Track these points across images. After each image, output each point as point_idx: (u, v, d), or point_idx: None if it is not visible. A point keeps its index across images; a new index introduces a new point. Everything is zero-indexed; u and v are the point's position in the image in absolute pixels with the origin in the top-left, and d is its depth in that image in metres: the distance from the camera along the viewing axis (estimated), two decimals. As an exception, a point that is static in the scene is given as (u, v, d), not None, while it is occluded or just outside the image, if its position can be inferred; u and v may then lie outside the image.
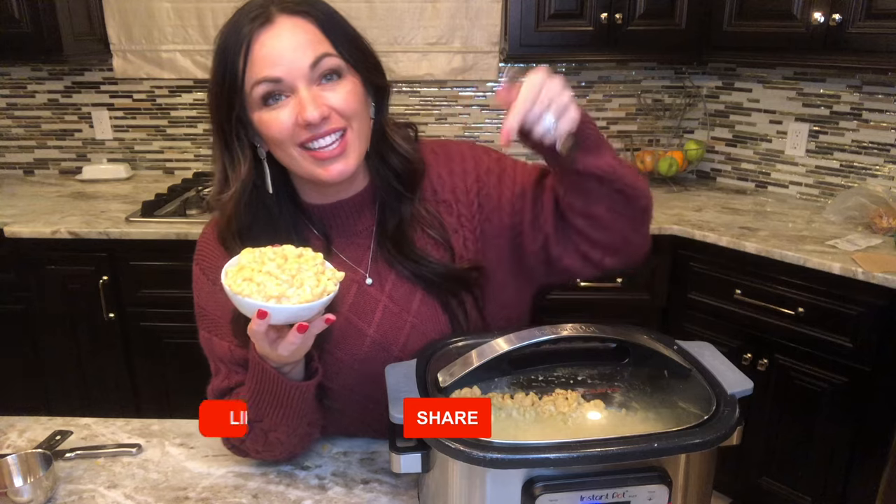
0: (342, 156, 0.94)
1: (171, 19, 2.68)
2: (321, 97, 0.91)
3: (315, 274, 0.83)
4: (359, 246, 1.06)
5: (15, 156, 2.92)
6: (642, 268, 2.30)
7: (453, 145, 1.13)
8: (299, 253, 0.85)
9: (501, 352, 0.87)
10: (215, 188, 0.99)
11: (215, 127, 0.97)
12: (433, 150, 1.11)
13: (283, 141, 0.92)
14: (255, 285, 0.80)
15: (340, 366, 1.04)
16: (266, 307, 0.79)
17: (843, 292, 1.92)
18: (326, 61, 0.92)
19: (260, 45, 0.90)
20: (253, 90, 0.91)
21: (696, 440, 0.76)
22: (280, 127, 0.91)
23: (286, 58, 0.90)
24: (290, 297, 0.80)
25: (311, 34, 0.92)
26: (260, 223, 0.99)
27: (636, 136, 2.83)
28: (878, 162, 2.37)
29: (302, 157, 0.93)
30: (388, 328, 1.04)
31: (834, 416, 2.02)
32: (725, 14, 2.30)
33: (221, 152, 0.97)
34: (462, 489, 0.80)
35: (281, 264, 0.82)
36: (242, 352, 0.98)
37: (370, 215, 1.07)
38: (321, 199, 1.05)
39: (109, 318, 2.29)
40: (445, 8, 2.65)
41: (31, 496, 0.95)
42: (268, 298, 0.79)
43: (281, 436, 0.97)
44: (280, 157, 0.96)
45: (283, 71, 0.90)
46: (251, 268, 0.82)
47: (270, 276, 0.80)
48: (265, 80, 0.90)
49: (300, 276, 0.82)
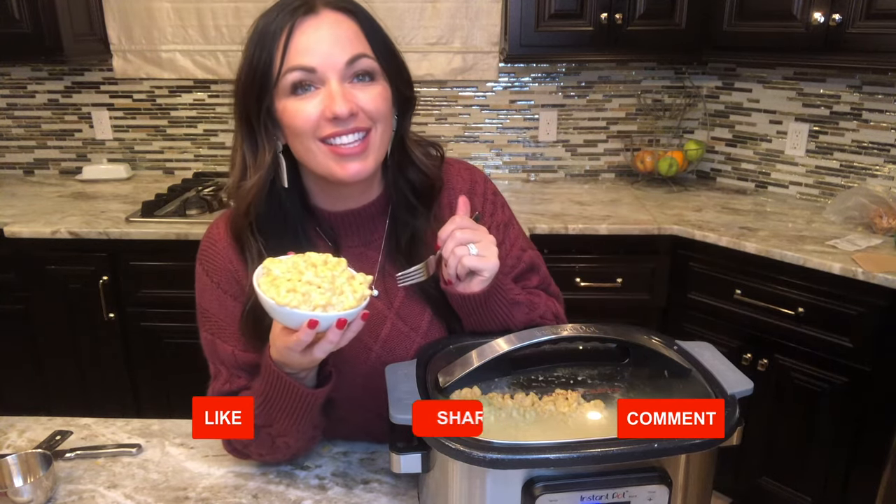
0: (362, 155, 0.93)
1: (171, 19, 2.68)
2: (351, 94, 0.91)
3: (347, 279, 0.83)
4: (366, 257, 1.06)
5: (15, 156, 2.92)
6: (642, 268, 2.30)
7: (479, 178, 1.13)
8: (324, 259, 0.85)
9: (501, 352, 0.87)
10: (234, 177, 0.98)
11: (241, 114, 0.96)
12: (459, 172, 1.12)
13: (305, 132, 0.91)
14: (301, 295, 0.79)
15: (344, 378, 1.02)
16: (317, 316, 0.79)
17: (843, 292, 1.92)
18: (363, 62, 0.92)
19: (301, 32, 0.90)
20: (285, 77, 0.90)
21: (696, 440, 0.76)
22: (305, 117, 0.90)
23: (324, 49, 0.89)
24: (334, 305, 0.80)
25: (351, 32, 0.92)
26: (273, 218, 0.99)
27: (636, 136, 2.83)
28: (878, 162, 2.38)
29: (321, 151, 0.92)
30: (395, 346, 1.04)
31: (834, 416, 2.02)
32: (725, 14, 2.30)
33: (244, 140, 0.97)
34: (462, 489, 0.80)
35: (315, 272, 0.82)
36: (246, 356, 0.98)
37: (380, 227, 1.06)
38: (332, 205, 1.04)
39: (109, 318, 2.29)
40: (445, 8, 2.65)
41: (31, 496, 0.95)
42: (314, 308, 0.79)
43: (289, 440, 0.97)
44: (297, 151, 0.95)
45: (319, 61, 0.89)
46: (287, 278, 0.81)
47: (312, 286, 0.80)
48: (299, 67, 0.89)
49: (337, 283, 0.82)
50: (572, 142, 2.86)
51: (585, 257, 2.29)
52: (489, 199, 1.12)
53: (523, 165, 2.89)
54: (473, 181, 1.12)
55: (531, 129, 2.84)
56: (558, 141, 2.85)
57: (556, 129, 2.83)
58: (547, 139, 2.85)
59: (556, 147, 2.86)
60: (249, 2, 2.63)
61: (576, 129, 2.84)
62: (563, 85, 2.78)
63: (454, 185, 1.10)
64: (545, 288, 1.15)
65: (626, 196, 2.62)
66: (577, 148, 2.87)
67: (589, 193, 2.66)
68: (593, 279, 2.30)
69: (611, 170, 2.90)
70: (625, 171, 2.88)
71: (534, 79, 2.78)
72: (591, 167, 2.90)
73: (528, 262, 1.12)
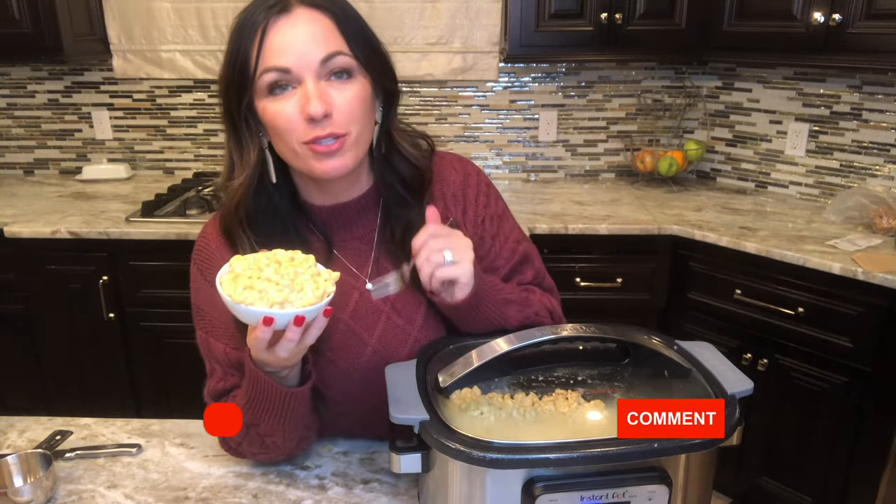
0: (339, 153, 0.93)
1: (171, 19, 2.68)
2: (326, 94, 0.90)
3: (311, 276, 0.83)
4: (360, 251, 1.06)
5: (15, 156, 2.92)
6: (642, 268, 2.30)
7: (472, 170, 1.13)
8: (291, 256, 0.85)
9: (501, 352, 0.87)
10: (223, 175, 0.99)
11: (225, 112, 0.96)
12: (452, 163, 1.11)
13: (287, 134, 0.91)
14: (258, 292, 0.79)
15: (340, 374, 1.02)
16: (272, 313, 0.78)
17: (843, 292, 1.92)
18: (338, 59, 0.91)
19: (274, 31, 0.89)
20: (261, 78, 0.90)
21: (696, 440, 0.76)
22: (286, 119, 0.90)
23: (298, 49, 0.89)
24: (292, 302, 0.80)
25: (326, 29, 0.91)
26: (263, 214, 0.99)
27: (636, 136, 2.83)
28: (878, 162, 2.37)
29: (301, 150, 0.92)
30: (391, 340, 1.03)
31: (834, 417, 2.02)
32: (725, 14, 2.30)
33: (229, 138, 0.97)
34: (462, 489, 0.80)
35: (277, 269, 0.82)
36: (238, 354, 0.98)
37: (372, 220, 1.06)
38: (322, 199, 1.04)
39: (109, 318, 2.29)
40: (445, 8, 2.65)
41: (31, 496, 0.95)
42: (271, 305, 0.79)
43: (277, 440, 0.97)
44: (280, 150, 0.96)
45: (293, 62, 0.89)
46: (248, 275, 0.81)
47: (270, 283, 0.80)
48: (274, 68, 0.89)
49: (299, 280, 0.81)
50: (572, 142, 2.86)
51: (585, 257, 2.29)
52: (482, 190, 1.11)
53: (523, 165, 2.89)
54: (466, 173, 1.11)
55: (531, 129, 2.84)
56: (558, 141, 2.85)
57: (556, 129, 2.83)
58: (547, 139, 2.85)
59: (556, 147, 2.86)
60: (249, 2, 2.62)
61: (576, 129, 2.84)
62: (563, 85, 2.78)
63: (446, 176, 1.09)
64: (539, 282, 1.14)
65: (626, 196, 2.62)
66: (577, 148, 2.87)
67: (589, 193, 2.66)
68: (593, 279, 2.30)
69: (611, 170, 2.90)
70: (625, 171, 2.88)
71: (534, 79, 2.78)
72: (591, 167, 2.90)
73: (523, 254, 1.11)
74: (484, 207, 1.10)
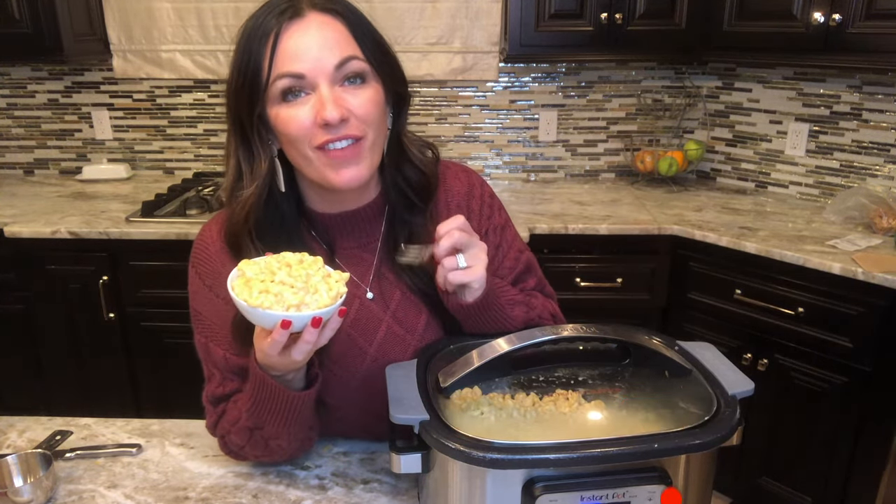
0: (355, 160, 0.92)
1: (171, 19, 2.68)
2: (342, 98, 0.89)
3: (323, 278, 0.83)
4: (362, 259, 1.05)
5: (15, 156, 2.92)
6: (642, 268, 2.30)
7: (476, 181, 1.13)
8: (300, 259, 0.84)
9: (502, 352, 0.87)
10: (228, 181, 0.97)
11: (233, 121, 0.95)
12: (457, 174, 1.12)
13: (299, 140, 0.90)
14: (273, 296, 0.79)
15: (339, 382, 1.02)
16: (289, 316, 0.78)
17: (843, 292, 1.92)
18: (352, 64, 0.90)
19: (287, 37, 0.88)
20: (274, 84, 0.89)
21: (697, 441, 0.76)
22: (299, 125, 0.89)
23: (312, 54, 0.88)
24: (308, 304, 0.80)
25: (340, 34, 0.91)
26: (269, 222, 0.98)
27: (636, 136, 2.83)
28: (878, 162, 2.37)
29: (316, 158, 0.91)
30: (391, 349, 1.03)
31: (834, 417, 2.02)
32: (725, 14, 2.30)
33: (237, 147, 0.95)
34: (462, 489, 0.80)
35: (289, 272, 0.82)
36: (238, 360, 0.98)
37: (376, 229, 1.06)
38: (327, 207, 1.03)
39: (109, 318, 2.29)
40: (445, 8, 2.65)
41: (31, 496, 0.95)
42: (287, 308, 0.79)
43: (282, 443, 0.97)
44: (293, 157, 0.94)
45: (307, 67, 0.88)
46: (260, 279, 0.80)
47: (285, 286, 0.80)
48: (288, 74, 0.88)
49: (312, 282, 0.81)
50: (572, 142, 2.86)
51: (585, 257, 2.29)
52: (486, 201, 1.12)
53: (523, 165, 2.89)
54: (471, 183, 1.12)
55: (531, 129, 2.84)
56: (558, 141, 2.85)
57: (556, 129, 2.83)
58: (547, 139, 2.85)
59: (556, 147, 2.86)
60: (250, 2, 2.60)
61: (576, 129, 2.84)
62: (563, 85, 2.78)
63: (451, 185, 1.10)
64: (541, 289, 1.15)
65: (626, 196, 2.62)
66: (577, 148, 2.87)
67: (589, 193, 2.66)
68: (593, 279, 2.30)
69: (611, 170, 2.90)
70: (625, 171, 2.88)
71: (534, 79, 2.78)
72: (591, 167, 2.90)
73: (526, 263, 1.13)
74: (488, 219, 1.11)
